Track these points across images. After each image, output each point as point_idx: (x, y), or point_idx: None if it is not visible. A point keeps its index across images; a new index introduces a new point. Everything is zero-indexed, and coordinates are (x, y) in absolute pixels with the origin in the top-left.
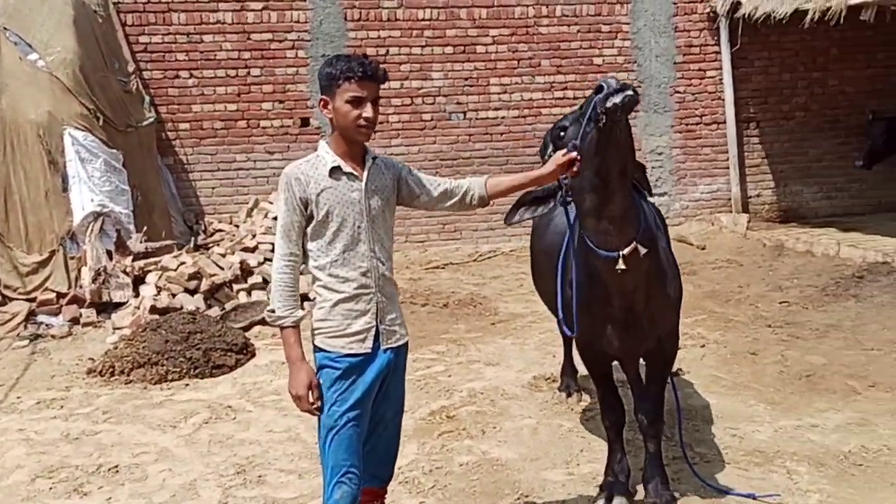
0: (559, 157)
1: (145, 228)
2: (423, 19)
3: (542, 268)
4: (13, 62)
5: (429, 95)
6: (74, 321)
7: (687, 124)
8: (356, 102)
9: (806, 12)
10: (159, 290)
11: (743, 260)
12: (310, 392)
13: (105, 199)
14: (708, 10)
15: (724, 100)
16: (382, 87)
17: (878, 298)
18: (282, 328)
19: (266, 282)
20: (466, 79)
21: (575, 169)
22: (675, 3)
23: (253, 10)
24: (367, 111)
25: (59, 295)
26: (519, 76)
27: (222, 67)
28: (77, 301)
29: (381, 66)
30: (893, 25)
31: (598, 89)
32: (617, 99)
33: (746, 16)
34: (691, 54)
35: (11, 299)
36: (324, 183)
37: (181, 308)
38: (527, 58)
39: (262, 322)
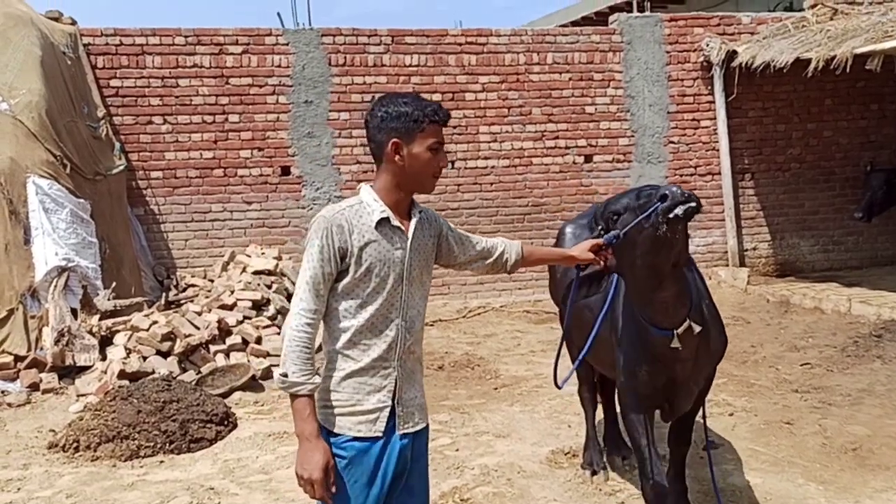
0: (592, 244)
1: (114, 284)
2: (411, 65)
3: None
4: None
5: None
6: (34, 387)
7: (682, 175)
8: (437, 149)
9: (807, 62)
10: (129, 352)
11: (749, 317)
12: (327, 476)
13: (71, 252)
14: (702, 59)
15: (718, 150)
16: (361, 135)
17: None
18: (294, 396)
19: (246, 342)
20: (455, 127)
21: (603, 263)
22: (668, 53)
23: (232, 54)
24: (445, 159)
25: (17, 358)
26: (509, 124)
27: (198, 113)
28: (37, 365)
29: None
30: (885, 77)
31: (663, 197)
32: (679, 211)
33: (743, 65)
34: (685, 104)
35: None
36: (368, 235)
37: (153, 372)
38: (517, 106)
39: (244, 388)
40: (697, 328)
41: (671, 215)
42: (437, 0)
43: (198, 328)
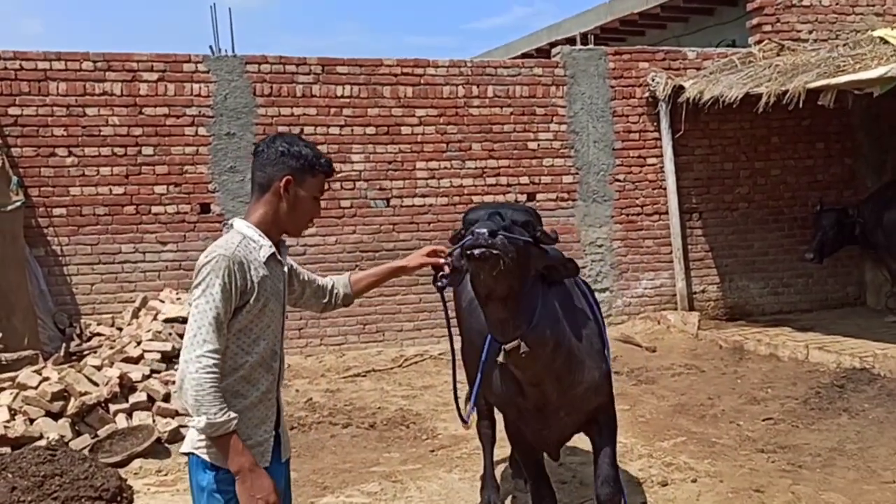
0: (429, 250)
1: (0, 335)
2: (342, 96)
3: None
4: None
5: (348, 180)
6: None
7: (628, 214)
8: (318, 199)
9: (757, 97)
10: (13, 413)
11: (703, 365)
12: (278, 497)
13: None
14: (647, 94)
15: (665, 189)
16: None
17: (871, 413)
18: (223, 437)
19: (152, 400)
20: (390, 162)
21: (441, 276)
22: (612, 87)
23: (146, 81)
24: (319, 210)
25: None
26: (448, 160)
27: (108, 145)
28: None
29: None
30: (830, 115)
31: (471, 235)
32: (476, 252)
33: (690, 101)
34: (631, 140)
35: None
36: (262, 270)
37: (41, 437)
38: (456, 140)
39: (145, 454)
40: (526, 349)
41: (468, 253)
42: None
43: (97, 384)
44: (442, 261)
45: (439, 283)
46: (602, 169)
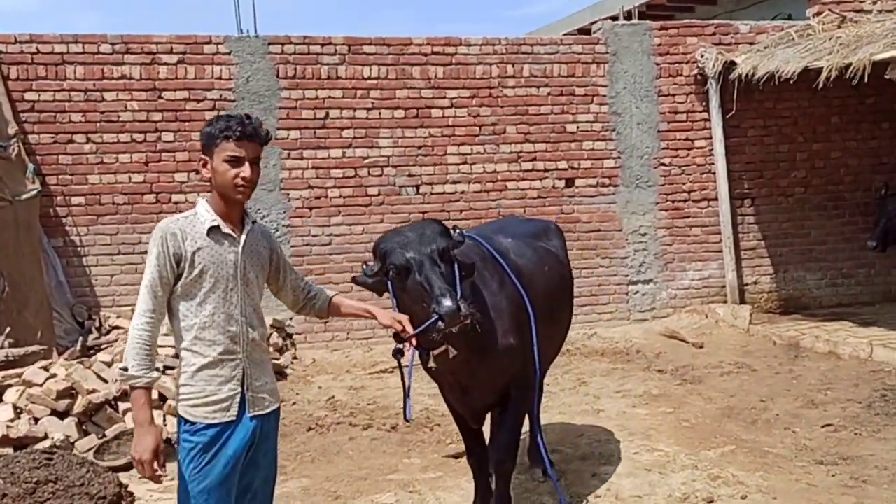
0: (397, 320)
1: (8, 329)
2: (369, 78)
3: None
4: None
5: (375, 166)
6: None
7: (673, 201)
8: (234, 162)
9: (816, 73)
10: (18, 412)
11: (755, 363)
12: (156, 458)
13: None
14: (696, 71)
15: (715, 174)
16: (322, 156)
17: None
18: (133, 388)
19: (163, 398)
20: (420, 147)
21: (405, 341)
22: (658, 65)
23: (166, 65)
24: (246, 171)
25: None
26: (481, 144)
27: (127, 131)
28: None
29: (263, 126)
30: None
31: (442, 318)
32: (455, 329)
33: (742, 78)
34: (677, 122)
35: None
36: (201, 241)
37: (45, 437)
38: (490, 123)
39: None
40: (454, 352)
41: (448, 332)
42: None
43: (106, 381)
44: (404, 339)
45: (398, 356)
46: (646, 152)
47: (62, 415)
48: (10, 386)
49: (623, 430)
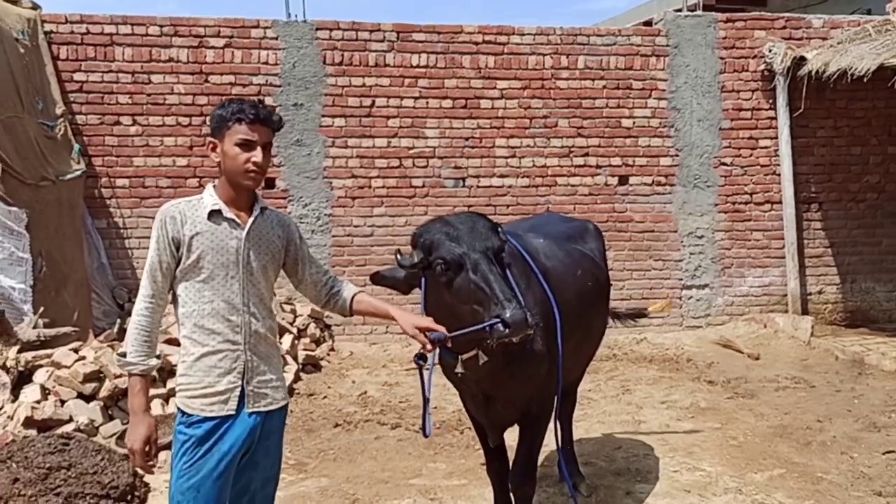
0: (420, 326)
1: (41, 309)
2: (418, 66)
3: None
4: None
5: (421, 157)
6: None
7: (734, 203)
8: (245, 146)
9: (895, 69)
10: (46, 393)
11: (813, 379)
12: (147, 447)
13: None
14: (763, 67)
15: (780, 175)
16: (366, 145)
17: None
18: (130, 374)
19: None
20: (467, 139)
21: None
22: (722, 59)
23: (213, 48)
24: (257, 156)
25: None
26: (531, 138)
27: (173, 114)
28: None
29: (276, 112)
30: None
31: (505, 324)
32: (516, 339)
33: (813, 73)
34: (741, 119)
35: None
36: (200, 226)
37: (70, 420)
38: (541, 116)
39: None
40: (483, 359)
41: (506, 340)
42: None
43: (162, 355)
44: (429, 347)
45: (420, 362)
46: (706, 151)
47: (88, 398)
48: (40, 367)
49: (664, 444)
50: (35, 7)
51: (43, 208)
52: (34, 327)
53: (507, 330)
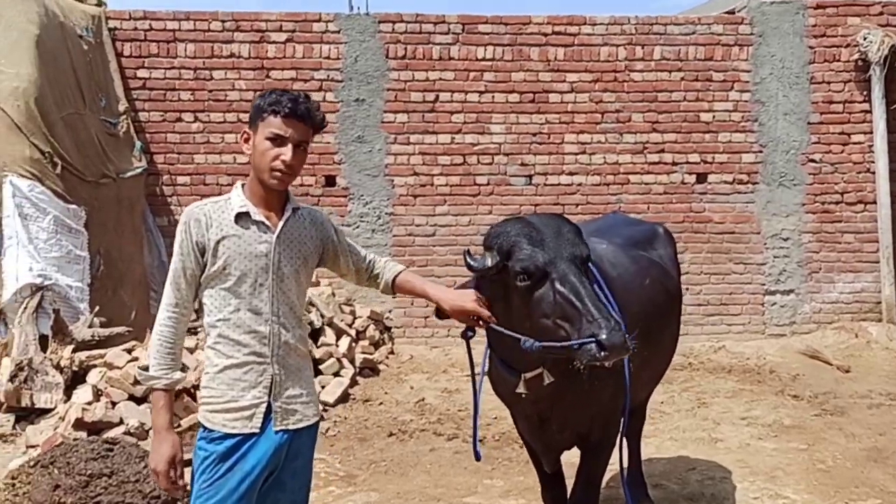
0: (467, 309)
1: (97, 308)
2: (484, 59)
3: None
4: None
5: (486, 154)
6: None
7: (823, 203)
8: (277, 141)
9: None
10: (98, 394)
11: None
12: (172, 468)
13: (49, 267)
14: (856, 56)
15: (874, 173)
16: (429, 141)
17: None
18: (153, 389)
19: None
20: (535, 134)
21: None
22: (811, 48)
23: (274, 43)
24: (287, 153)
25: None
26: (602, 133)
27: (234, 111)
28: None
29: (320, 109)
30: None
31: (600, 346)
32: (609, 364)
33: None
34: (832, 113)
35: None
36: (227, 229)
37: (120, 422)
38: (613, 111)
39: None
40: (549, 379)
41: (598, 364)
42: None
43: (186, 368)
44: (479, 326)
45: (469, 333)
46: (793, 147)
47: (139, 400)
48: (94, 367)
49: (744, 466)
50: (100, 4)
51: (102, 206)
52: (89, 326)
53: (602, 353)
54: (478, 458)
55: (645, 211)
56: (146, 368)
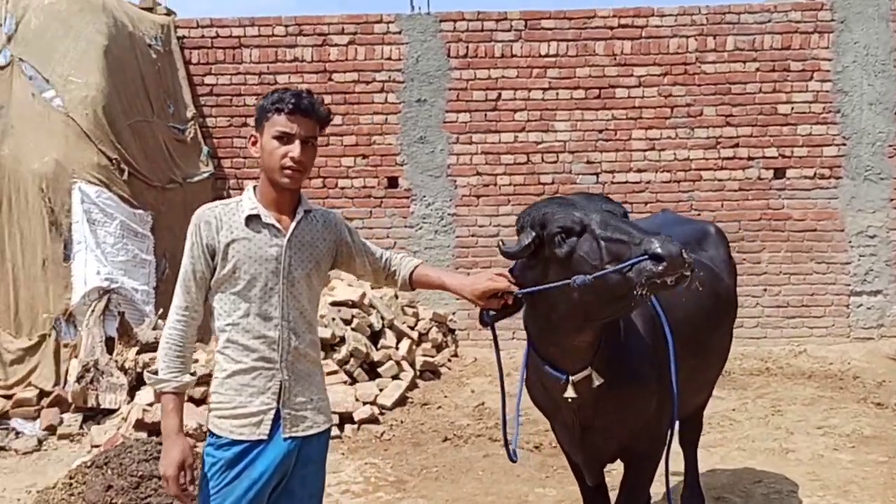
0: (485, 290)
1: (160, 311)
2: (547, 55)
3: None
4: (24, 100)
5: (550, 152)
6: (51, 430)
7: None
8: (284, 139)
9: None
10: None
11: None
12: (182, 473)
13: (116, 271)
14: None
15: None
16: (492, 140)
17: None
18: (162, 393)
19: None
20: (601, 131)
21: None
22: None
23: (336, 45)
24: (295, 150)
25: (43, 393)
26: (672, 128)
27: None
28: (60, 403)
29: (324, 103)
30: None
31: (656, 258)
32: (671, 280)
33: None
34: None
35: None
36: (237, 232)
37: None
38: (684, 105)
39: None
40: (598, 381)
41: (659, 281)
42: None
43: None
44: (505, 302)
45: (487, 319)
46: (879, 139)
47: (198, 402)
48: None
49: (815, 479)
50: (169, 13)
51: (168, 210)
52: (154, 329)
53: (660, 266)
54: (513, 459)
55: (718, 208)
56: (156, 372)
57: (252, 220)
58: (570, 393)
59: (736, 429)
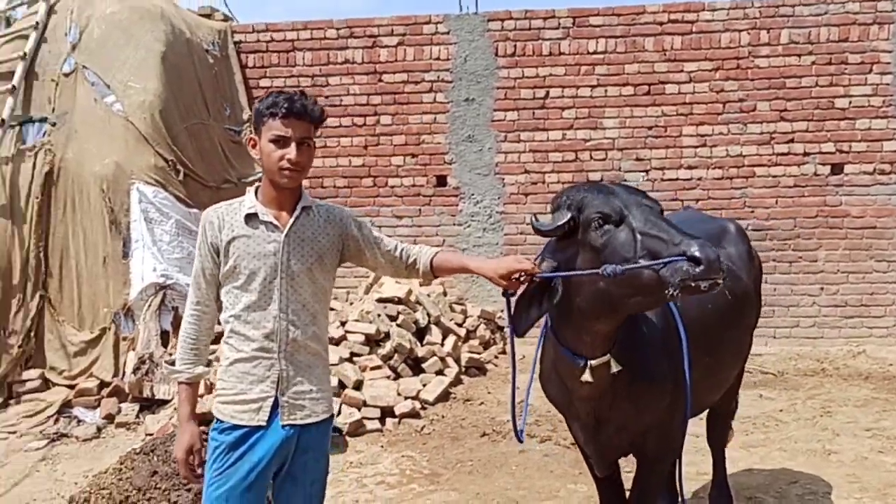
0: (521, 263)
1: None
2: (595, 52)
3: None
4: (87, 105)
5: (599, 149)
6: (110, 419)
7: None
8: (280, 142)
9: None
10: (210, 387)
11: None
12: (191, 456)
13: (172, 268)
14: None
15: None
16: (540, 139)
17: None
18: (179, 382)
19: (342, 386)
20: (650, 128)
21: (525, 284)
22: None
23: (386, 47)
24: (291, 152)
25: (103, 384)
26: (724, 124)
27: (349, 115)
28: (118, 393)
29: (318, 104)
30: None
31: (694, 260)
32: (705, 285)
33: None
34: None
35: (55, 384)
36: (238, 230)
37: None
38: (736, 100)
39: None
40: (616, 367)
41: (693, 284)
42: None
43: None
44: (527, 282)
45: (510, 293)
46: None
47: None
48: (210, 363)
49: (854, 481)
50: (226, 19)
51: None
52: None
53: (697, 268)
54: (520, 439)
55: (773, 205)
56: (173, 363)
57: (251, 217)
58: (587, 377)
59: (781, 429)
